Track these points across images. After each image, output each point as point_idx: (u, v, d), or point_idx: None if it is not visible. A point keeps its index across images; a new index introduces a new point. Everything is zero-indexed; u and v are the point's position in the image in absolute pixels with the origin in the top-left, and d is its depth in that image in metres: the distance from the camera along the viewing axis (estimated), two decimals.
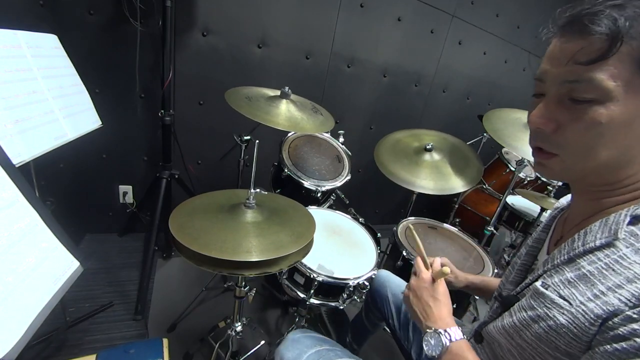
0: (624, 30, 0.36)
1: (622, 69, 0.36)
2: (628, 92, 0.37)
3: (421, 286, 0.68)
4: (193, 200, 0.90)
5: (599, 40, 0.37)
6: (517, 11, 2.23)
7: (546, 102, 0.44)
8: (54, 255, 0.68)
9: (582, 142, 0.41)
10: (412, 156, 1.41)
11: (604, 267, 0.40)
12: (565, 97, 0.41)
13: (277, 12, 1.64)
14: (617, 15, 0.36)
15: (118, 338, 1.27)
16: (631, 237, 0.39)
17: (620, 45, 0.36)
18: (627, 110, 0.38)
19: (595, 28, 0.37)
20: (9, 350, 0.53)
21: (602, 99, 0.38)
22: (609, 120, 0.38)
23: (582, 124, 0.40)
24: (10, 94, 0.82)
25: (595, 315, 0.38)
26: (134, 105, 1.58)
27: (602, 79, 0.37)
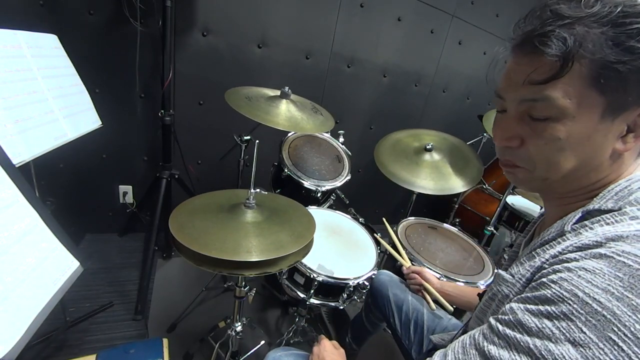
0: (575, 50, 0.37)
1: (575, 86, 0.38)
2: (582, 108, 0.38)
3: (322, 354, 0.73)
4: (193, 200, 0.90)
5: (552, 60, 0.38)
6: (517, 11, 2.22)
7: (508, 119, 0.46)
8: (54, 255, 0.68)
9: (545, 156, 0.43)
10: (412, 156, 1.41)
11: (547, 248, 0.44)
12: (525, 114, 0.43)
13: (277, 12, 1.64)
14: (567, 35, 0.37)
15: (118, 338, 1.27)
16: (580, 228, 0.42)
17: (572, 65, 0.37)
18: (583, 125, 0.39)
19: (546, 50, 0.38)
20: (9, 350, 0.53)
21: (559, 116, 0.40)
22: (567, 135, 0.40)
23: (543, 140, 0.42)
24: (10, 94, 0.82)
25: (526, 279, 0.43)
26: (134, 105, 1.58)
27: (557, 97, 0.39)
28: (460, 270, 1.21)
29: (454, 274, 1.17)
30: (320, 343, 0.76)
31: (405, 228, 1.40)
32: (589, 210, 0.43)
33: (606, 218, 0.40)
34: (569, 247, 0.39)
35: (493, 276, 0.55)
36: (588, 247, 0.37)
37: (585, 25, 0.37)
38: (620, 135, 0.40)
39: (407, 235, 1.35)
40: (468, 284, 1.14)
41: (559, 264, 0.38)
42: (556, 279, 0.36)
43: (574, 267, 0.36)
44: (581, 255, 0.36)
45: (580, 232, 0.41)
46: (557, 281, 0.36)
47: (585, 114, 0.39)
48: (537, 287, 0.38)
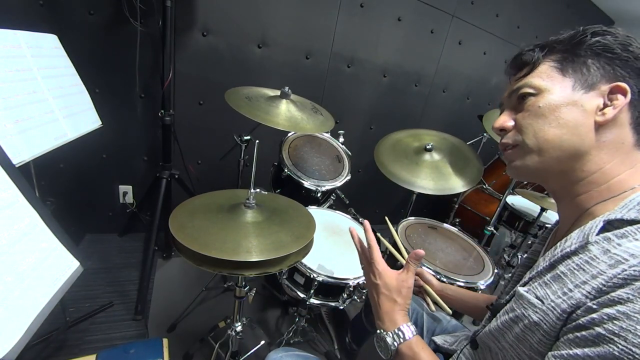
0: (541, 55, 0.53)
1: (547, 70, 0.52)
2: (554, 83, 0.50)
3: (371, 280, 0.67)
4: (193, 200, 0.90)
5: (527, 63, 0.54)
6: (517, 11, 2.23)
7: (505, 112, 0.58)
8: (54, 255, 0.68)
9: (532, 125, 0.52)
10: (412, 156, 1.40)
11: (575, 268, 0.42)
12: (515, 102, 0.55)
13: (277, 12, 1.64)
14: (537, 48, 0.54)
15: (118, 338, 1.27)
16: (604, 241, 0.41)
17: (540, 61, 0.53)
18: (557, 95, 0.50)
19: (524, 58, 0.55)
20: (9, 350, 0.53)
21: (537, 92, 0.52)
22: (545, 103, 0.50)
23: (529, 112, 0.52)
24: (10, 94, 0.82)
25: (561, 310, 0.41)
26: (134, 105, 1.58)
27: (533, 81, 0.52)
28: (460, 270, 1.21)
29: (454, 274, 1.17)
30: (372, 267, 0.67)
31: (405, 228, 1.40)
32: (610, 220, 0.42)
33: (634, 232, 0.39)
34: (613, 280, 0.37)
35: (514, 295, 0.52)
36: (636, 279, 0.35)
37: (551, 43, 0.53)
38: (598, 109, 0.47)
39: (407, 235, 1.35)
40: (468, 284, 1.14)
41: (610, 305, 0.36)
42: (618, 331, 0.34)
43: (632, 312, 0.34)
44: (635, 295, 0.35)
45: (608, 248, 0.40)
46: (620, 334, 0.34)
47: (558, 87, 0.50)
48: (595, 340, 0.36)
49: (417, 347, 0.56)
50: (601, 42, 0.47)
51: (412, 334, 0.57)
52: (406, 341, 0.56)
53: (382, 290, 0.64)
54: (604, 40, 0.47)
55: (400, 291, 0.63)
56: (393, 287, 0.63)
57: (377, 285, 0.65)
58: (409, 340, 0.56)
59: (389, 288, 0.63)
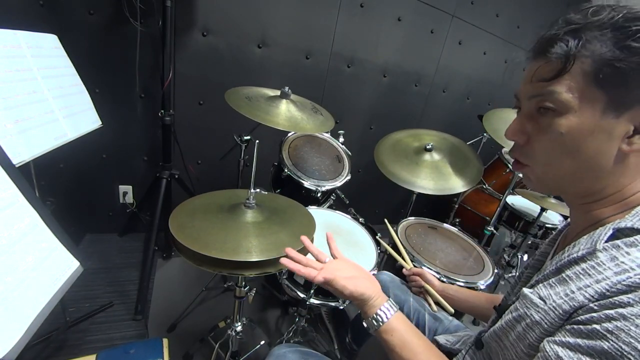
0: (575, 51, 0.41)
1: (578, 82, 0.41)
2: (583, 103, 0.41)
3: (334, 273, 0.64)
4: (193, 200, 0.90)
5: (556, 60, 0.43)
6: (517, 11, 2.23)
7: (520, 116, 0.50)
8: (54, 255, 0.68)
9: (547, 152, 0.46)
10: (412, 156, 1.41)
11: (581, 272, 0.42)
12: (534, 111, 0.47)
13: (277, 12, 1.64)
14: (570, 38, 0.41)
15: (118, 338, 1.27)
16: (612, 248, 0.41)
17: (573, 63, 0.41)
18: (584, 119, 0.42)
19: (552, 50, 0.43)
20: (9, 350, 0.53)
21: (562, 110, 0.43)
22: (568, 130, 0.43)
23: (546, 135, 0.45)
24: (10, 94, 0.82)
25: (563, 311, 0.41)
26: (134, 105, 1.58)
27: (560, 92, 0.42)
28: (460, 270, 1.21)
29: (454, 274, 1.17)
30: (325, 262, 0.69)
31: (405, 228, 1.40)
32: (620, 228, 0.42)
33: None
34: (617, 286, 0.37)
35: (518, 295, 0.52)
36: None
37: (589, 30, 0.41)
38: (626, 135, 0.41)
39: (407, 235, 1.35)
40: (468, 284, 1.14)
41: (610, 307, 0.36)
42: (612, 329, 0.35)
43: (630, 314, 0.34)
44: (636, 300, 0.35)
45: (616, 255, 0.39)
46: (613, 331, 0.35)
47: (587, 108, 0.41)
48: (589, 334, 0.37)
49: (398, 323, 0.59)
50: None
51: (392, 314, 0.60)
52: (384, 323, 0.60)
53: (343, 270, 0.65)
54: None
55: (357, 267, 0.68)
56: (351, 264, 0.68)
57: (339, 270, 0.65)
58: (387, 322, 0.59)
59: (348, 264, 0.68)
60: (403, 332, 0.59)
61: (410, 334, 0.59)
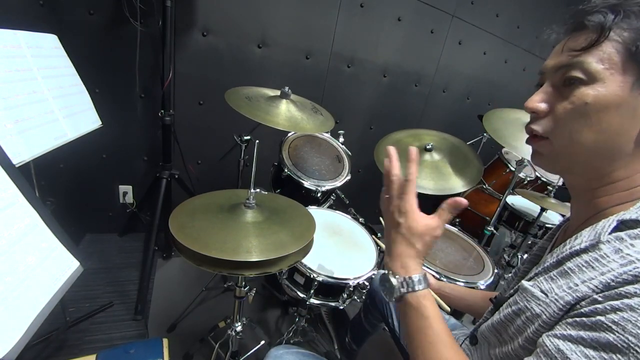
0: (612, 22, 0.40)
1: (610, 54, 0.40)
2: (614, 75, 0.40)
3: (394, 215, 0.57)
4: (193, 200, 0.90)
5: (591, 30, 0.42)
6: (517, 11, 2.23)
7: (544, 88, 0.48)
8: (54, 255, 0.68)
9: (570, 123, 0.44)
10: None
11: (584, 265, 0.41)
12: (560, 82, 0.45)
13: (277, 12, 1.64)
14: (609, 10, 0.41)
15: (118, 338, 1.27)
16: (616, 240, 0.40)
17: (608, 34, 0.40)
18: (613, 91, 0.41)
19: (588, 19, 0.42)
20: (9, 350, 0.53)
21: (589, 80, 0.42)
22: (595, 100, 0.41)
23: (570, 103, 0.43)
24: (10, 94, 0.82)
25: (565, 302, 0.40)
26: (134, 105, 1.58)
27: (590, 62, 0.41)
28: (460, 270, 1.21)
29: (454, 274, 1.17)
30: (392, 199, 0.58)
31: None
32: (625, 220, 0.41)
33: None
34: (623, 276, 0.36)
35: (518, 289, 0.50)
36: None
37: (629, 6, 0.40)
38: None
39: None
40: (468, 284, 1.14)
41: (616, 299, 0.35)
42: (618, 320, 0.34)
43: (637, 305, 0.33)
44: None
45: (621, 248, 0.39)
46: (619, 322, 0.34)
47: (616, 80, 0.40)
48: (593, 326, 0.36)
49: (426, 300, 0.51)
50: None
51: (423, 285, 0.52)
52: (415, 292, 0.51)
53: (403, 230, 0.55)
54: None
55: (423, 238, 0.55)
56: (416, 232, 0.54)
57: (399, 225, 0.55)
58: (419, 292, 0.51)
59: (412, 231, 0.54)
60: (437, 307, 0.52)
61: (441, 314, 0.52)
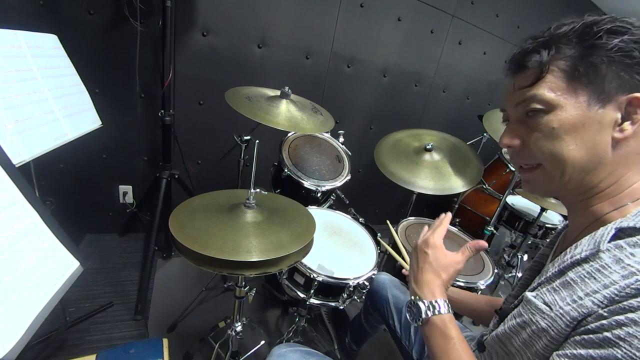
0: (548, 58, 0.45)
1: (557, 82, 0.45)
2: (568, 98, 0.44)
3: (422, 247, 0.67)
4: (193, 200, 0.90)
5: (532, 68, 0.47)
6: (517, 11, 2.23)
7: (509, 125, 0.53)
8: (54, 255, 0.68)
9: (547, 148, 0.47)
10: (412, 156, 1.40)
11: (586, 275, 0.41)
12: (522, 115, 0.50)
13: (277, 12, 1.64)
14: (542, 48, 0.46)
15: (118, 338, 1.27)
16: (615, 249, 0.40)
17: (548, 68, 0.45)
18: (572, 112, 0.44)
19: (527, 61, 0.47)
20: (9, 350, 0.53)
21: (549, 108, 0.46)
22: (560, 124, 0.45)
23: (540, 132, 0.47)
24: (10, 94, 0.82)
25: (571, 318, 0.40)
26: (134, 105, 1.58)
27: (542, 93, 0.46)
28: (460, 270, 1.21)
29: None
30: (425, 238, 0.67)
31: (405, 228, 1.40)
32: (622, 227, 0.42)
33: None
34: (626, 290, 0.37)
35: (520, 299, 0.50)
36: None
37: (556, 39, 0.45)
38: (616, 123, 0.43)
39: (407, 235, 1.35)
40: (468, 284, 1.14)
41: (620, 313, 0.36)
42: (624, 336, 0.34)
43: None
44: None
45: (621, 257, 0.39)
46: (625, 338, 0.34)
47: (572, 103, 0.44)
48: (601, 343, 0.36)
49: (450, 322, 0.56)
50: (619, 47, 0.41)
51: (448, 310, 0.58)
52: (440, 314, 0.57)
53: (430, 260, 0.63)
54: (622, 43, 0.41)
55: (447, 269, 0.62)
56: (442, 263, 0.63)
57: (426, 255, 0.64)
58: (444, 315, 0.57)
59: (438, 262, 0.63)
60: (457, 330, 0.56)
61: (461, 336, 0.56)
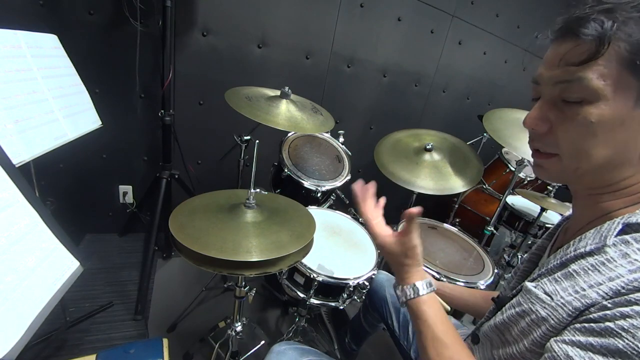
0: (611, 33, 0.37)
1: (611, 68, 0.38)
2: (616, 91, 0.38)
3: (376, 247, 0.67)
4: (193, 200, 0.90)
5: (588, 42, 0.38)
6: (517, 11, 2.23)
7: (541, 103, 0.46)
8: (54, 255, 0.68)
9: (576, 142, 0.42)
10: (412, 156, 1.40)
11: (590, 268, 0.41)
12: (558, 98, 0.43)
13: (277, 12, 1.64)
14: (605, 19, 0.37)
15: (118, 338, 1.27)
16: (622, 244, 0.39)
17: (607, 47, 0.37)
18: (616, 109, 0.39)
19: (584, 31, 0.39)
20: (9, 350, 0.53)
21: (592, 99, 0.39)
22: (599, 118, 0.39)
23: (574, 123, 0.41)
24: (10, 94, 0.82)
25: (573, 308, 0.39)
26: (134, 105, 1.58)
27: (591, 78, 0.39)
28: (460, 270, 1.21)
29: (454, 274, 1.17)
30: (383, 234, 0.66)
31: None
32: (630, 223, 0.40)
33: None
34: (634, 283, 0.36)
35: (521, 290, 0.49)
36: None
37: (624, 11, 0.37)
38: None
39: None
40: (468, 284, 1.14)
41: (626, 305, 0.35)
42: (627, 327, 0.34)
43: None
44: None
45: (628, 252, 0.38)
46: (629, 329, 0.34)
47: (620, 97, 0.38)
48: (602, 332, 0.35)
49: (425, 305, 0.56)
50: None
51: (424, 290, 0.57)
52: (413, 299, 0.57)
53: (386, 252, 0.64)
54: None
55: (405, 253, 0.61)
56: (395, 252, 0.62)
57: (381, 247, 0.65)
58: (420, 297, 0.57)
59: (392, 252, 0.63)
60: (438, 310, 0.57)
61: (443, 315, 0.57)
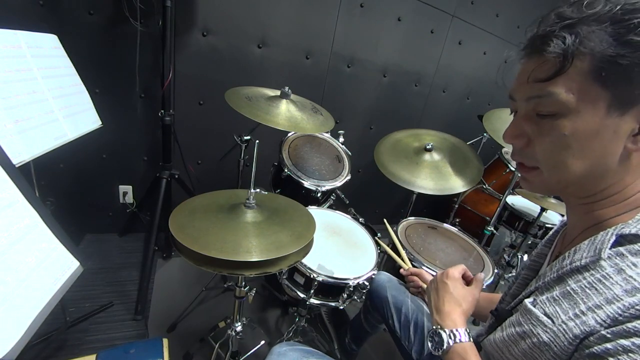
0: (574, 48, 0.38)
1: (578, 82, 0.39)
2: (586, 103, 0.39)
3: (442, 278, 0.69)
4: (193, 200, 0.90)
5: (553, 58, 0.40)
6: (517, 11, 2.23)
7: (517, 118, 0.47)
8: (54, 255, 0.68)
9: (552, 155, 0.43)
10: (412, 156, 1.40)
11: (587, 286, 0.41)
12: (532, 112, 0.44)
13: (277, 12, 1.64)
14: (567, 34, 0.39)
15: (118, 338, 1.27)
16: (616, 256, 0.40)
17: (572, 61, 0.39)
18: (588, 120, 0.39)
19: (547, 49, 0.40)
20: (9, 350, 0.53)
21: (564, 112, 0.41)
22: (573, 131, 0.40)
23: (549, 137, 0.43)
24: (10, 94, 0.82)
25: (573, 335, 0.39)
26: (134, 105, 1.58)
27: (560, 92, 0.40)
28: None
29: None
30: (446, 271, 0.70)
31: (405, 228, 1.40)
32: (624, 234, 0.40)
33: None
34: (630, 310, 0.36)
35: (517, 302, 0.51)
36: None
37: (586, 24, 0.38)
38: (631, 133, 0.39)
39: (407, 235, 1.35)
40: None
41: (626, 337, 0.35)
42: None
43: None
44: None
45: (623, 267, 0.38)
46: None
47: (590, 108, 0.39)
48: None
49: (471, 350, 0.56)
50: None
51: (468, 339, 0.58)
52: (462, 342, 0.57)
53: (451, 290, 0.66)
54: None
55: (466, 299, 0.65)
56: (461, 293, 0.66)
57: (446, 285, 0.67)
58: (464, 343, 0.57)
59: (458, 292, 0.66)
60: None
61: None
